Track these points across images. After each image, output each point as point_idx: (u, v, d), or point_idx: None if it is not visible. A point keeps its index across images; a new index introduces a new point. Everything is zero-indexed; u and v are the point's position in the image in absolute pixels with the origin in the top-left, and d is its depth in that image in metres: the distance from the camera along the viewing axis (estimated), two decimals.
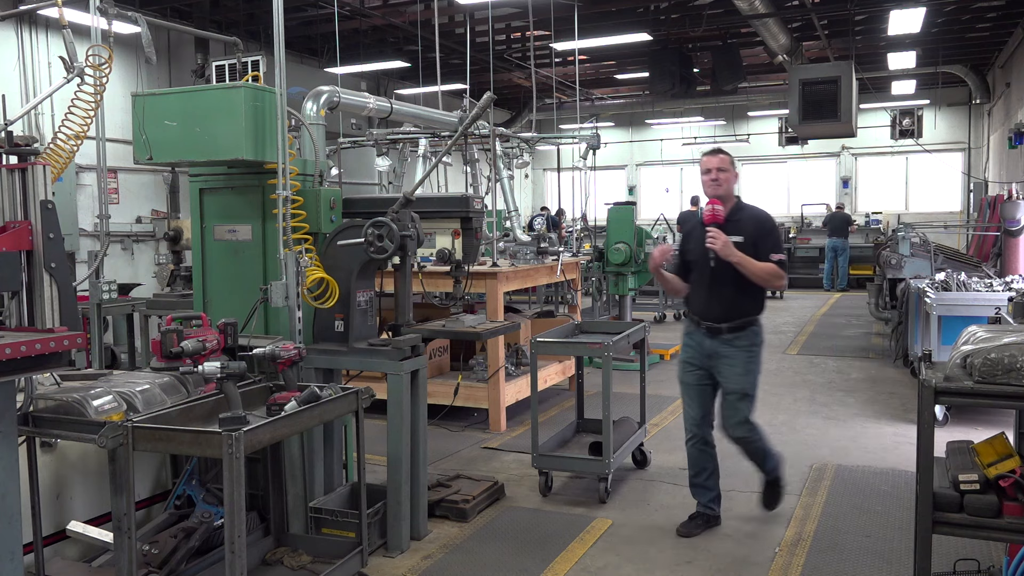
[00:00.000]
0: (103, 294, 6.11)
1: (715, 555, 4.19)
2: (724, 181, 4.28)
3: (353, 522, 4.03)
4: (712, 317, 4.29)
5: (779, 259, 4.20)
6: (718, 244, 4.07)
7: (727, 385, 4.32)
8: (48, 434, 3.43)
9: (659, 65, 14.09)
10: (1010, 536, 3.08)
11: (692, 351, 4.41)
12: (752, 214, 4.36)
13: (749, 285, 4.20)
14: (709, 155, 4.38)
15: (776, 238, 4.33)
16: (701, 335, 4.35)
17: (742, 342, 4.28)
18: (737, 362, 4.27)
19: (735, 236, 4.15)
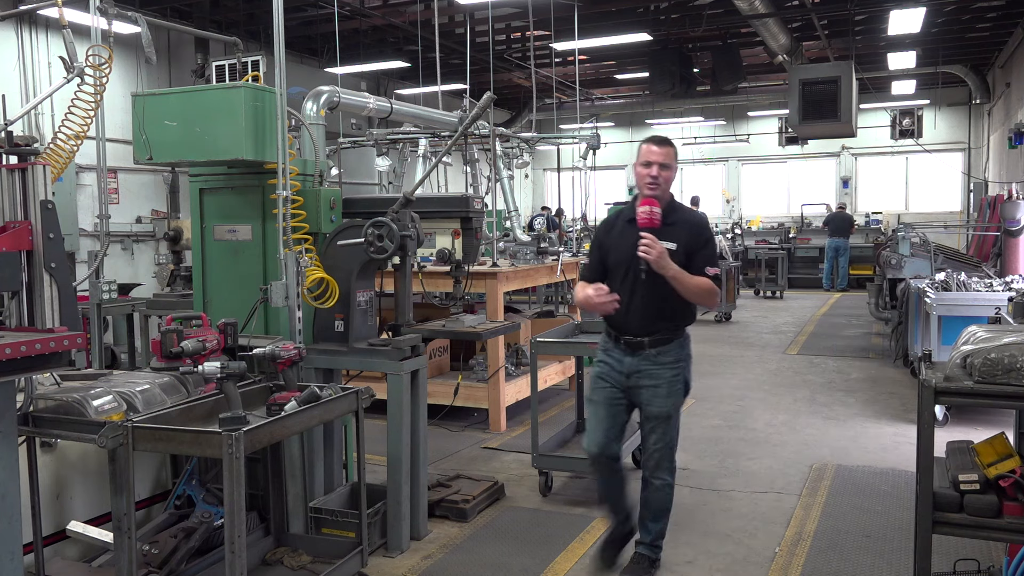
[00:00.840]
0: (103, 294, 6.11)
1: (715, 555, 4.19)
2: (665, 181, 3.68)
3: (353, 522, 4.03)
4: (633, 331, 3.72)
5: (715, 274, 3.65)
6: (653, 254, 3.47)
7: (649, 408, 3.74)
8: (48, 434, 3.43)
9: (659, 65, 14.09)
10: (1010, 536, 3.08)
11: (609, 368, 3.82)
12: (687, 218, 3.79)
13: (679, 296, 3.64)
14: (653, 144, 3.68)
15: (713, 249, 3.79)
16: (620, 352, 3.77)
17: (667, 358, 3.73)
18: (661, 381, 3.72)
19: (667, 242, 3.56)
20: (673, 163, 3.70)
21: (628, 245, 3.62)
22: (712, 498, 5.01)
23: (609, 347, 3.84)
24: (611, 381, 3.80)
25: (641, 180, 3.69)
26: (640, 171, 3.68)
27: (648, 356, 3.72)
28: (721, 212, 20.87)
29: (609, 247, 3.80)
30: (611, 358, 3.82)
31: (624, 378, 3.76)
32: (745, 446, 6.10)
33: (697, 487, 5.20)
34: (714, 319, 13.09)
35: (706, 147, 20.98)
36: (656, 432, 3.76)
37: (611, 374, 3.80)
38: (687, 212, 3.84)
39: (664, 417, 3.73)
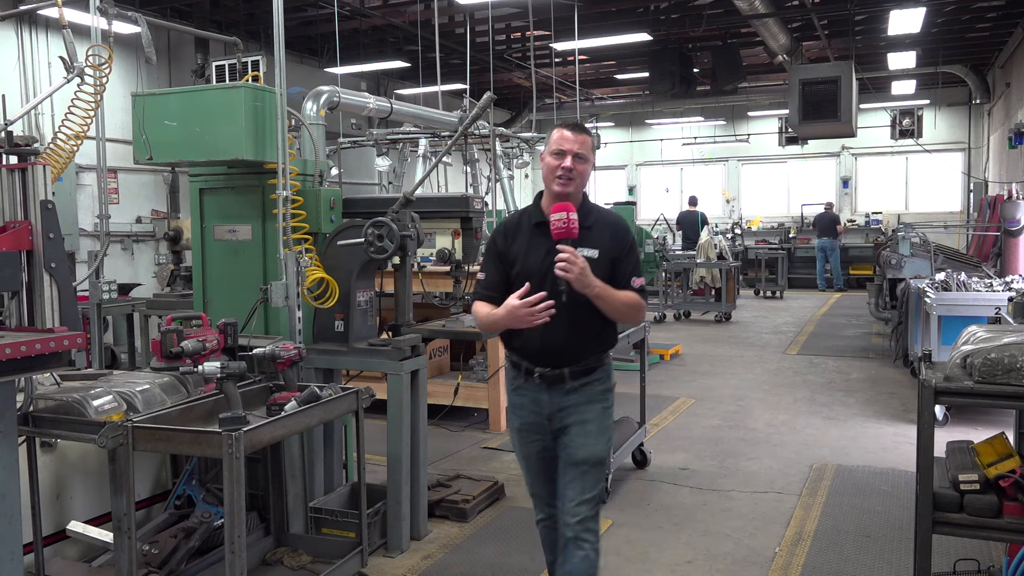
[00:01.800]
0: (103, 294, 6.11)
1: (715, 555, 4.19)
2: (581, 175, 2.99)
3: (353, 522, 4.03)
4: (551, 361, 3.00)
5: (640, 285, 3.05)
6: (574, 272, 2.78)
7: (576, 453, 3.01)
8: (48, 434, 3.43)
9: (659, 65, 14.09)
10: (1010, 536, 3.08)
11: (527, 413, 3.08)
12: (606, 219, 3.11)
13: (599, 317, 3.00)
14: (568, 130, 2.99)
15: (637, 256, 3.17)
16: (534, 390, 3.04)
17: (594, 388, 3.05)
18: (590, 417, 3.03)
19: (588, 250, 2.93)
20: (590, 155, 3.02)
21: (538, 257, 2.96)
22: (712, 498, 5.01)
23: (520, 385, 3.09)
24: (537, 431, 3.08)
25: (551, 174, 2.98)
26: (550, 162, 2.98)
27: (571, 390, 3.02)
28: (721, 212, 20.87)
29: (513, 258, 3.05)
30: (525, 398, 3.08)
31: (546, 422, 3.05)
32: (745, 446, 6.10)
33: (697, 487, 5.20)
34: (714, 319, 13.09)
35: (706, 147, 20.98)
36: (584, 480, 3.00)
37: (532, 422, 3.08)
38: (604, 212, 3.18)
39: (596, 462, 3.03)
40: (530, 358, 3.05)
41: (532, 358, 3.05)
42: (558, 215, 2.87)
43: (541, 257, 2.95)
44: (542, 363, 3.02)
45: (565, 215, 2.86)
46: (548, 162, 3.00)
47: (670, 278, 13.72)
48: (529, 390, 3.07)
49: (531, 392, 3.06)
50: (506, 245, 3.09)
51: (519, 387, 3.10)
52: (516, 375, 3.11)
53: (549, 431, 3.07)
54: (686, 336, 11.42)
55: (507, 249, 3.08)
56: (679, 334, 11.62)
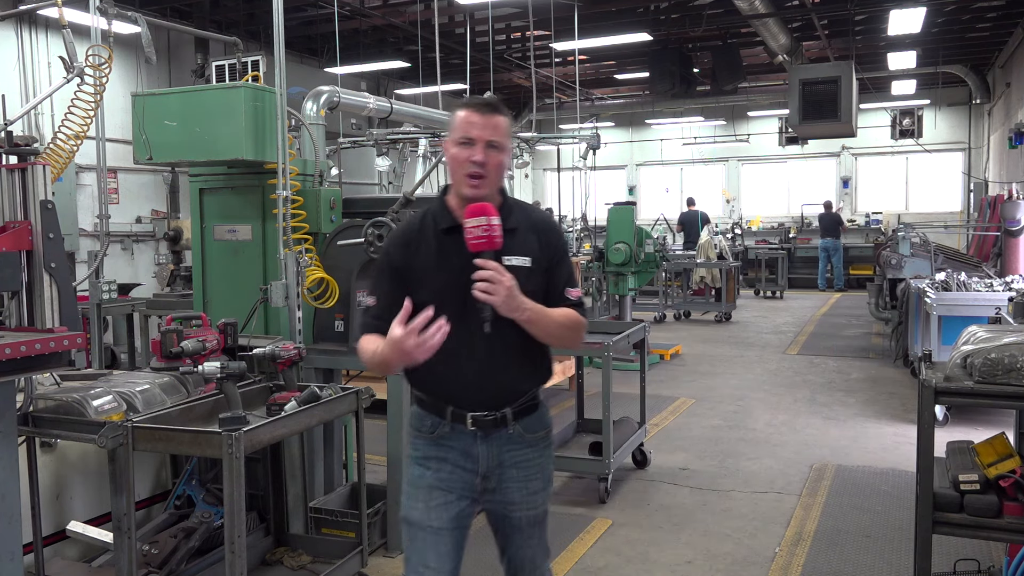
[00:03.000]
0: (103, 294, 6.11)
1: (715, 555, 4.19)
2: (496, 169, 2.34)
3: (353, 522, 4.03)
4: (488, 403, 2.38)
5: (579, 298, 2.46)
6: (500, 294, 2.19)
7: (522, 514, 2.45)
8: (48, 434, 3.43)
9: (659, 65, 14.08)
10: (1010, 536, 3.08)
11: (450, 469, 2.40)
12: (532, 219, 2.48)
13: (533, 342, 2.40)
14: (475, 111, 2.33)
15: (571, 261, 2.57)
16: (466, 439, 2.39)
17: (538, 431, 2.48)
18: (535, 470, 2.47)
19: (517, 259, 2.34)
20: (507, 141, 2.37)
21: (451, 274, 2.30)
22: (712, 498, 5.01)
23: (443, 434, 2.40)
24: (460, 492, 2.40)
25: (458, 168, 2.33)
26: (457, 154, 2.32)
27: (514, 437, 2.42)
28: (721, 212, 20.86)
29: (417, 276, 2.36)
30: (450, 451, 2.40)
31: (478, 480, 2.41)
32: (745, 446, 6.10)
33: (697, 487, 5.20)
34: (714, 319, 13.09)
35: (706, 147, 20.97)
36: (531, 543, 2.50)
37: (456, 480, 2.40)
38: (529, 210, 2.54)
39: (542, 521, 2.52)
40: (457, 399, 2.39)
41: (460, 399, 2.38)
42: (475, 220, 2.23)
43: (455, 274, 2.27)
44: (475, 405, 2.38)
45: (485, 220, 2.22)
46: (454, 154, 2.33)
47: (670, 278, 13.72)
48: (457, 440, 2.40)
49: (459, 444, 2.39)
50: (406, 258, 2.39)
51: (442, 437, 2.41)
52: (436, 421, 2.41)
53: (479, 491, 2.43)
54: (686, 336, 11.42)
55: (407, 264, 2.38)
56: (679, 334, 11.62)
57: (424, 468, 2.42)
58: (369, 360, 2.35)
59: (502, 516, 2.47)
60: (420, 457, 2.44)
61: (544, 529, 2.53)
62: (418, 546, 2.38)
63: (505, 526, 2.48)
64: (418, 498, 2.40)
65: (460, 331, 2.25)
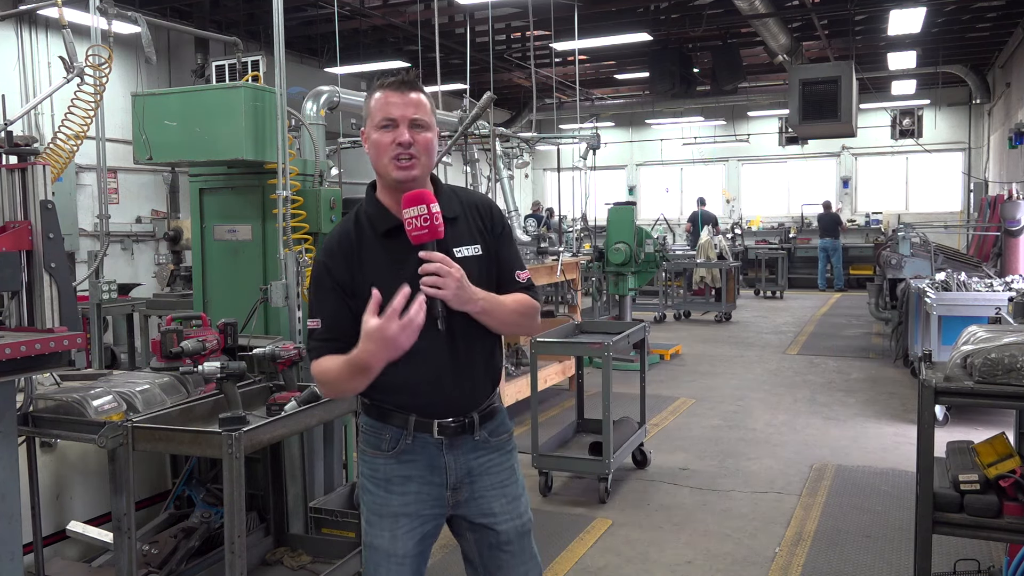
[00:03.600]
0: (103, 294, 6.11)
1: (715, 555, 4.19)
2: (426, 149, 2.14)
3: (353, 522, 4.02)
4: (453, 408, 2.21)
5: (528, 279, 2.29)
6: (450, 287, 2.00)
7: (503, 525, 2.25)
8: (48, 434, 3.43)
9: (659, 65, 14.09)
10: (1010, 536, 3.08)
11: (416, 488, 2.21)
12: (470, 201, 2.30)
13: (490, 337, 2.26)
14: (393, 91, 2.13)
15: (515, 240, 2.42)
16: (431, 451, 2.20)
17: (502, 434, 2.32)
18: (506, 472, 2.30)
19: (466, 248, 2.19)
20: (431, 119, 2.16)
21: (401, 273, 2.06)
22: (712, 498, 5.01)
23: (405, 448, 2.20)
24: (428, 512, 2.22)
25: (383, 154, 2.12)
26: (379, 139, 2.12)
27: (480, 443, 2.25)
28: (721, 212, 20.86)
29: (365, 286, 2.05)
30: (415, 468, 2.21)
31: (449, 494, 2.22)
32: (745, 446, 6.10)
33: (697, 487, 5.20)
34: (714, 319, 13.09)
35: (706, 147, 20.98)
36: (525, 560, 2.30)
37: (424, 499, 2.21)
38: (466, 193, 2.36)
39: (527, 532, 2.31)
40: (420, 407, 2.18)
41: (424, 406, 2.18)
42: (414, 210, 2.02)
43: (405, 272, 2.04)
44: (441, 411, 2.19)
45: (424, 207, 2.01)
46: (376, 140, 2.12)
47: (670, 278, 13.72)
48: (420, 454, 2.20)
49: (424, 456, 2.20)
50: (349, 273, 2.15)
51: (404, 451, 2.19)
52: (396, 434, 2.20)
53: (448, 507, 2.23)
54: (686, 336, 11.43)
55: (352, 279, 2.14)
56: (679, 334, 11.62)
57: (387, 492, 2.20)
58: (337, 378, 2.07)
59: (486, 531, 2.24)
60: (380, 479, 2.21)
61: (532, 544, 2.31)
62: (382, 573, 2.21)
63: (492, 546, 2.25)
64: (383, 526, 2.20)
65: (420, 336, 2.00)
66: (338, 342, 2.08)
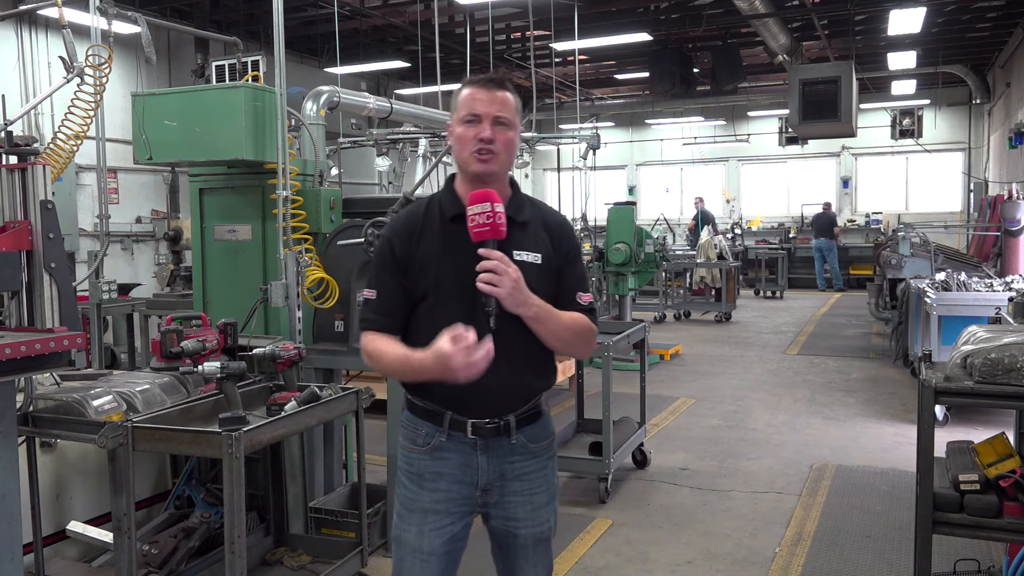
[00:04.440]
0: (103, 294, 6.11)
1: (715, 555, 4.19)
2: (506, 147, 2.18)
3: (353, 522, 4.03)
4: (491, 409, 2.22)
5: (590, 302, 2.28)
6: (506, 286, 2.04)
7: (527, 530, 2.31)
8: (48, 434, 3.43)
9: (659, 65, 14.09)
10: (1010, 536, 3.08)
11: (448, 486, 2.24)
12: (544, 215, 2.33)
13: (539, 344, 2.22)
14: (481, 88, 2.20)
15: (584, 265, 2.46)
16: (465, 450, 2.23)
17: (541, 443, 2.33)
18: (539, 482, 2.33)
19: (526, 254, 2.18)
20: (516, 119, 2.20)
21: (460, 266, 2.12)
22: (712, 498, 5.01)
23: (439, 445, 2.23)
24: (458, 511, 2.25)
25: (464, 147, 2.17)
26: (463, 133, 2.17)
27: (517, 447, 2.26)
28: (721, 212, 20.86)
29: (420, 267, 2.18)
30: (447, 465, 2.23)
31: (480, 495, 2.25)
32: (745, 446, 6.10)
33: (697, 487, 5.20)
34: (714, 319, 13.09)
35: (706, 147, 20.98)
36: (536, 564, 2.36)
37: (455, 498, 2.24)
38: (542, 206, 2.37)
39: (547, 539, 2.38)
40: (457, 405, 2.20)
41: (460, 404, 2.20)
42: (478, 207, 2.06)
43: (460, 266, 2.10)
44: (477, 411, 2.20)
45: (489, 206, 2.06)
46: (459, 133, 2.17)
47: (670, 278, 13.72)
48: (454, 452, 2.22)
49: (458, 455, 2.22)
50: (408, 249, 2.20)
51: (438, 448, 2.23)
52: (431, 431, 2.23)
53: (477, 507, 2.27)
54: (686, 336, 11.42)
55: (410, 255, 2.19)
56: (679, 334, 11.62)
57: (419, 487, 2.25)
58: (387, 365, 2.16)
59: (506, 534, 2.31)
60: (414, 473, 2.26)
61: (550, 548, 2.39)
62: (406, 570, 2.26)
63: (510, 546, 2.33)
64: (412, 520, 2.24)
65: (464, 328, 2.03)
66: (389, 319, 2.20)
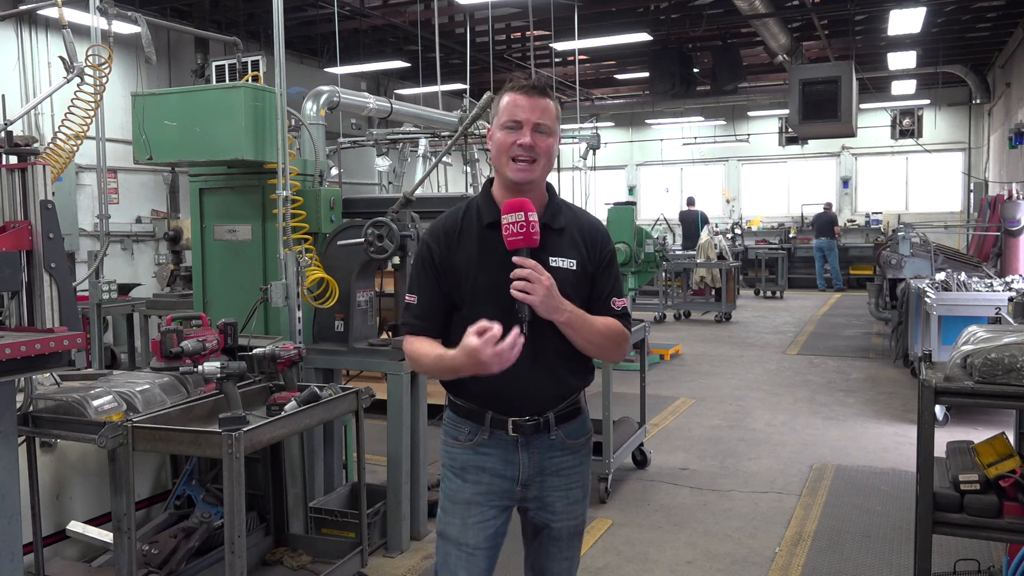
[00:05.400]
0: (103, 294, 6.11)
1: (715, 555, 4.19)
2: (546, 154, 2.22)
3: (353, 522, 4.03)
4: (530, 407, 2.27)
5: (624, 307, 2.31)
6: (538, 294, 2.07)
7: (561, 524, 2.36)
8: (48, 434, 3.43)
9: (659, 65, 14.09)
10: (1010, 536, 3.08)
11: (489, 480, 2.30)
12: (580, 221, 2.35)
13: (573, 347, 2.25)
14: (523, 94, 2.20)
15: (619, 270, 2.42)
16: (505, 446, 2.28)
17: (579, 439, 2.38)
18: (576, 478, 2.37)
19: (561, 260, 2.23)
20: (556, 126, 2.24)
21: (494, 269, 2.17)
22: (712, 498, 5.01)
23: (481, 441, 2.29)
24: (499, 505, 2.31)
25: (503, 153, 2.20)
26: (502, 139, 2.20)
27: (556, 443, 2.31)
28: (721, 212, 20.87)
29: (458, 273, 2.25)
30: (489, 460, 2.29)
31: (520, 489, 2.31)
32: (745, 446, 6.10)
33: (697, 487, 5.20)
34: (714, 319, 13.09)
35: (706, 147, 20.98)
36: (568, 556, 2.41)
37: (496, 492, 2.30)
38: (577, 211, 2.39)
39: (580, 533, 2.43)
40: (497, 404, 2.27)
41: (500, 404, 2.26)
42: (512, 216, 2.10)
43: (496, 272, 2.15)
44: (517, 410, 2.26)
45: (522, 215, 2.09)
46: (499, 139, 2.20)
47: (670, 278, 13.72)
48: (496, 448, 2.28)
49: (499, 451, 2.28)
50: (446, 254, 2.26)
51: (481, 444, 2.29)
52: (474, 428, 2.30)
53: (516, 501, 2.33)
54: (686, 336, 11.43)
55: (447, 260, 2.25)
56: (679, 334, 11.62)
57: (461, 480, 2.32)
58: (427, 367, 2.25)
59: (541, 526, 2.36)
60: (457, 468, 2.34)
61: (580, 542, 2.43)
62: (451, 563, 2.34)
63: (544, 537, 2.37)
64: (455, 513, 2.32)
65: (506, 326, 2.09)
66: (428, 322, 2.26)
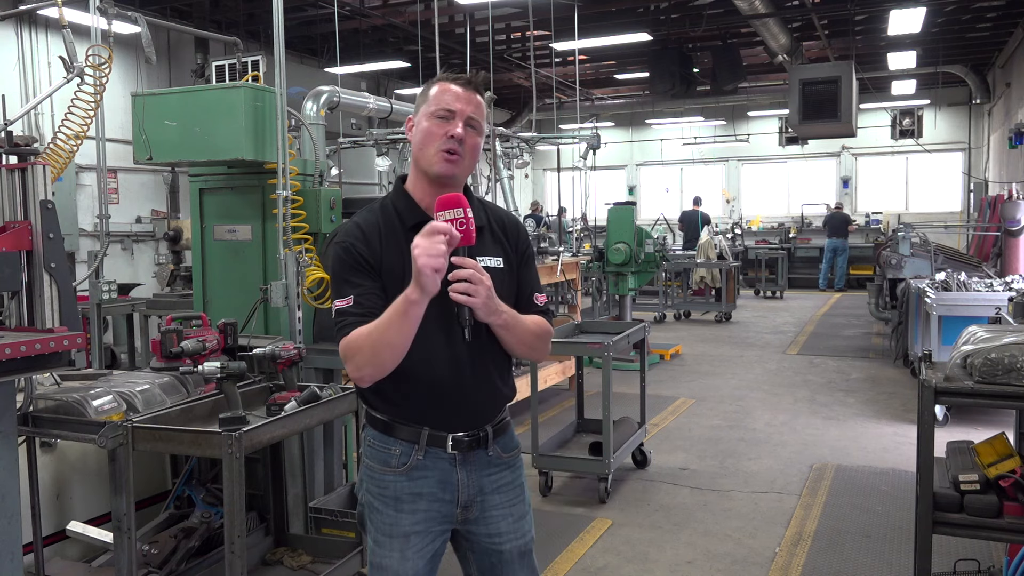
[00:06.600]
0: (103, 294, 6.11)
1: (715, 555, 4.19)
2: (473, 151, 2.10)
3: (353, 522, 4.02)
4: (468, 421, 2.12)
5: (545, 302, 2.23)
6: (481, 295, 1.91)
7: (509, 544, 2.20)
8: (48, 434, 3.43)
9: (659, 65, 14.09)
10: (1010, 536, 3.08)
11: (427, 506, 2.10)
12: (498, 215, 2.25)
13: (504, 352, 2.16)
14: (456, 84, 2.11)
15: (535, 261, 2.37)
16: (442, 466, 2.10)
17: (512, 450, 2.24)
18: (515, 491, 2.23)
19: (490, 259, 2.12)
20: (484, 124, 2.14)
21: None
22: (712, 498, 5.01)
23: (416, 464, 2.09)
24: (438, 530, 2.13)
25: (430, 144, 2.05)
26: (431, 128, 2.05)
27: (493, 459, 2.17)
28: (721, 212, 20.86)
29: (388, 274, 2.05)
30: (426, 484, 2.10)
31: (460, 511, 2.13)
32: (745, 446, 6.10)
33: (697, 487, 5.21)
34: (714, 319, 13.08)
35: (706, 147, 20.98)
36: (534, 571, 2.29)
37: (435, 517, 2.11)
38: (493, 207, 2.29)
39: (528, 551, 2.27)
40: (435, 419, 2.08)
41: (438, 419, 2.08)
42: (449, 213, 1.90)
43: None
44: (456, 425, 2.10)
45: (461, 211, 1.91)
46: (426, 128, 2.05)
47: (670, 278, 13.72)
48: (431, 470, 2.09)
49: (435, 472, 2.09)
50: (374, 253, 2.06)
51: (415, 468, 2.08)
52: (407, 449, 2.08)
53: (458, 521, 2.14)
54: (686, 336, 11.43)
55: (375, 259, 2.05)
56: (679, 334, 11.62)
57: (396, 512, 2.09)
58: (371, 338, 1.93)
59: (490, 552, 2.18)
60: (389, 497, 2.09)
61: (534, 560, 2.28)
62: None
63: (495, 565, 2.19)
64: (392, 547, 2.09)
65: (436, 340, 2.00)
66: (370, 318, 1.97)
